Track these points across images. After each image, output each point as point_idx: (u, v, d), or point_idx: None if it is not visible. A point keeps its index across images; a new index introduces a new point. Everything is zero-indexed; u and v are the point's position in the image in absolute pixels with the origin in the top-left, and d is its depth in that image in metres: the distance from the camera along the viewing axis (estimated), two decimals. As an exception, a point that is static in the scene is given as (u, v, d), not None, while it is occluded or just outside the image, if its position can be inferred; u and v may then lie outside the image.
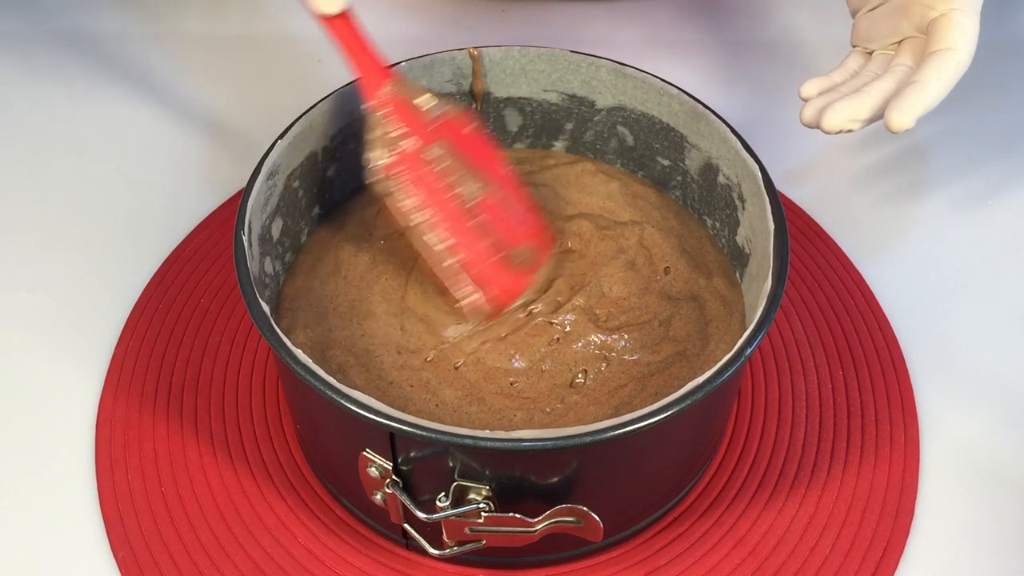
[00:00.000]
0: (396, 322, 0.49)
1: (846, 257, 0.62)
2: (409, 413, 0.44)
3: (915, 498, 0.51)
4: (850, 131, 0.48)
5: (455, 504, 0.42)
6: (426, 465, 0.42)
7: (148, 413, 0.54)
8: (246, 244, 0.44)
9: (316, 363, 0.40)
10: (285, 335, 0.41)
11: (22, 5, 0.80)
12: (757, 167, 0.48)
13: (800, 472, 0.52)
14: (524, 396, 0.46)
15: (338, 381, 0.40)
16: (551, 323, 0.49)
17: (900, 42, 0.52)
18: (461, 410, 0.46)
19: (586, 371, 0.47)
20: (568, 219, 0.54)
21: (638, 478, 0.45)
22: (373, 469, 0.43)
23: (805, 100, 0.51)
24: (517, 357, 0.48)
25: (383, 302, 0.50)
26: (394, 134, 0.48)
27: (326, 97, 0.51)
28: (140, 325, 0.58)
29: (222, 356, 0.56)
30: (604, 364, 0.48)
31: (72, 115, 0.71)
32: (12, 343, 0.58)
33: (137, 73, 0.75)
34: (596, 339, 0.48)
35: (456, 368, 0.47)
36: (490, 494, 0.42)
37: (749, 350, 0.41)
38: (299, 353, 0.41)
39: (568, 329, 0.49)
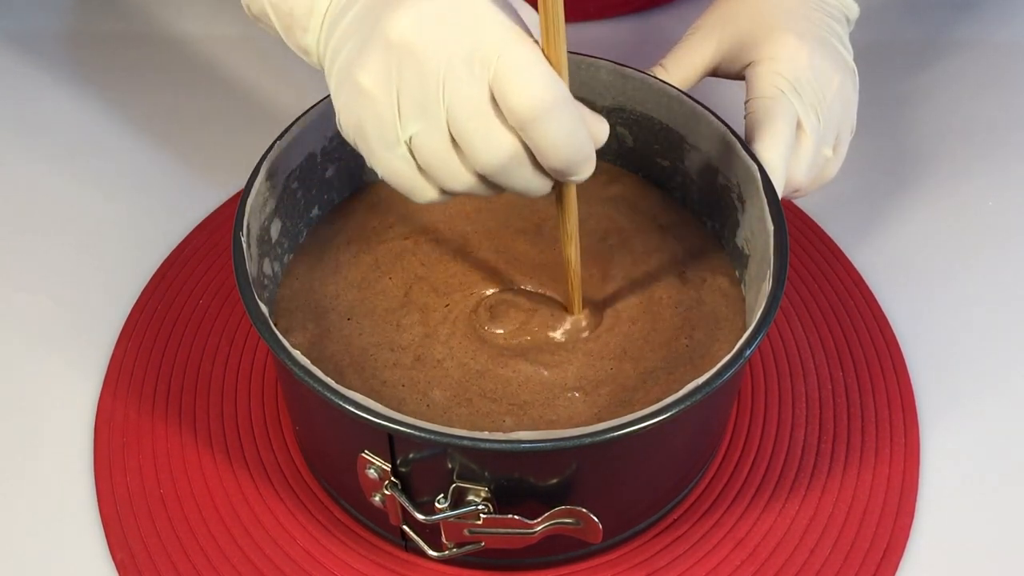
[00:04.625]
0: (393, 319, 0.49)
1: (846, 258, 0.62)
2: (404, 413, 0.44)
3: (915, 499, 0.51)
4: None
5: (454, 506, 0.42)
6: (425, 466, 0.42)
7: (147, 414, 0.54)
8: (244, 245, 0.44)
9: (313, 364, 0.40)
10: (283, 336, 0.41)
11: (22, 5, 0.80)
12: (756, 168, 0.47)
13: (800, 473, 0.52)
14: (516, 399, 0.46)
15: (335, 382, 0.40)
16: (549, 324, 0.49)
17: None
18: (451, 411, 0.46)
19: (585, 372, 0.47)
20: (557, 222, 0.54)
21: (638, 479, 0.45)
22: (372, 470, 0.43)
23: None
24: (513, 358, 0.48)
25: (384, 300, 0.50)
26: None
27: (325, 98, 0.51)
28: (139, 326, 0.58)
29: (221, 357, 0.56)
30: (603, 365, 0.48)
31: (71, 115, 0.71)
32: (11, 344, 0.57)
33: (137, 73, 0.75)
34: (596, 340, 0.48)
35: (439, 362, 0.47)
36: (489, 495, 0.42)
37: (749, 351, 0.41)
38: (297, 354, 0.40)
39: (567, 331, 0.49)
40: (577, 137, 0.37)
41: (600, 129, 0.39)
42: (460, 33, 0.36)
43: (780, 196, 0.47)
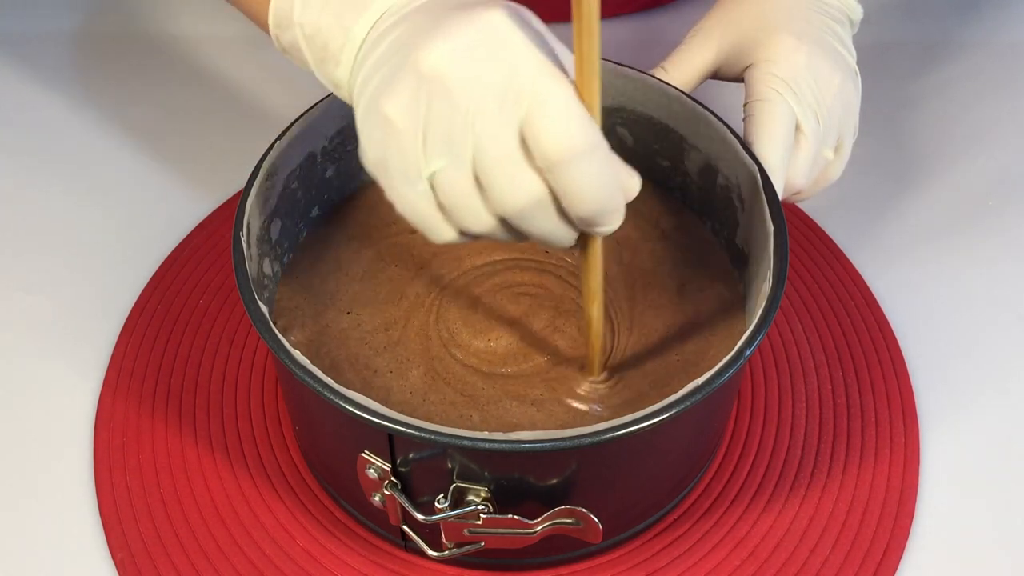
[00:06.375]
0: (395, 296, 0.50)
1: (845, 258, 0.62)
2: (391, 403, 0.44)
3: (915, 499, 0.51)
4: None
5: (454, 506, 0.42)
6: (425, 466, 0.42)
7: (147, 415, 0.54)
8: (244, 245, 0.44)
9: (311, 360, 0.40)
10: (282, 335, 0.41)
11: (22, 5, 0.80)
12: (756, 168, 0.47)
13: (800, 473, 0.52)
14: (510, 388, 0.46)
15: (331, 379, 0.40)
16: (550, 321, 0.49)
17: None
18: (428, 396, 0.46)
19: (582, 371, 0.47)
20: None
21: (637, 479, 0.45)
22: (372, 470, 0.43)
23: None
24: (509, 357, 0.48)
25: (388, 285, 0.50)
26: None
27: (325, 98, 0.51)
28: (139, 326, 0.58)
29: (221, 357, 0.56)
30: (601, 365, 0.48)
31: (71, 115, 0.71)
32: (10, 345, 0.57)
33: (137, 73, 0.75)
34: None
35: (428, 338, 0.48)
36: (489, 495, 0.42)
37: (749, 351, 0.41)
38: (297, 355, 0.40)
39: (567, 329, 0.49)
40: (607, 185, 0.35)
41: (632, 183, 0.37)
42: (493, 68, 0.34)
43: (780, 198, 0.47)
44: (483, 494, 0.41)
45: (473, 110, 0.34)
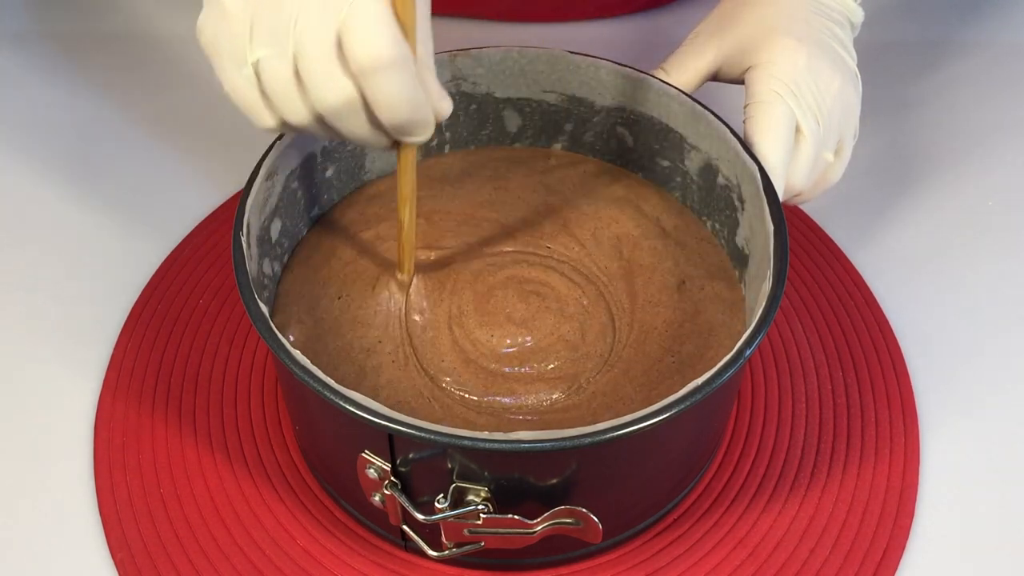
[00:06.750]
0: (389, 273, 0.50)
1: (846, 258, 0.62)
2: (384, 388, 0.45)
3: (915, 500, 0.51)
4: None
5: (454, 505, 0.42)
6: (425, 466, 0.42)
7: (147, 414, 0.54)
8: (244, 245, 0.44)
9: (311, 358, 0.40)
10: (280, 332, 0.41)
11: (23, 5, 0.80)
12: (756, 168, 0.47)
13: (800, 473, 0.52)
14: (515, 400, 0.46)
15: (327, 375, 0.40)
16: (551, 320, 0.49)
17: None
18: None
19: (581, 373, 0.47)
20: (573, 223, 0.54)
21: (638, 480, 0.45)
22: (372, 470, 0.43)
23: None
24: (510, 358, 0.48)
25: (382, 265, 0.51)
26: None
27: (325, 98, 0.51)
28: (139, 326, 0.58)
29: (221, 357, 0.56)
30: (602, 365, 0.48)
31: (71, 115, 0.71)
32: (10, 344, 0.57)
33: (137, 73, 0.75)
34: (596, 340, 0.48)
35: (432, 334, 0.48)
36: (489, 495, 0.42)
37: (748, 351, 0.41)
38: (297, 355, 0.40)
39: (567, 328, 0.49)
40: (412, 98, 0.39)
41: (442, 105, 0.41)
42: None
43: (780, 200, 0.47)
44: (483, 494, 0.42)
45: (298, 7, 0.38)
